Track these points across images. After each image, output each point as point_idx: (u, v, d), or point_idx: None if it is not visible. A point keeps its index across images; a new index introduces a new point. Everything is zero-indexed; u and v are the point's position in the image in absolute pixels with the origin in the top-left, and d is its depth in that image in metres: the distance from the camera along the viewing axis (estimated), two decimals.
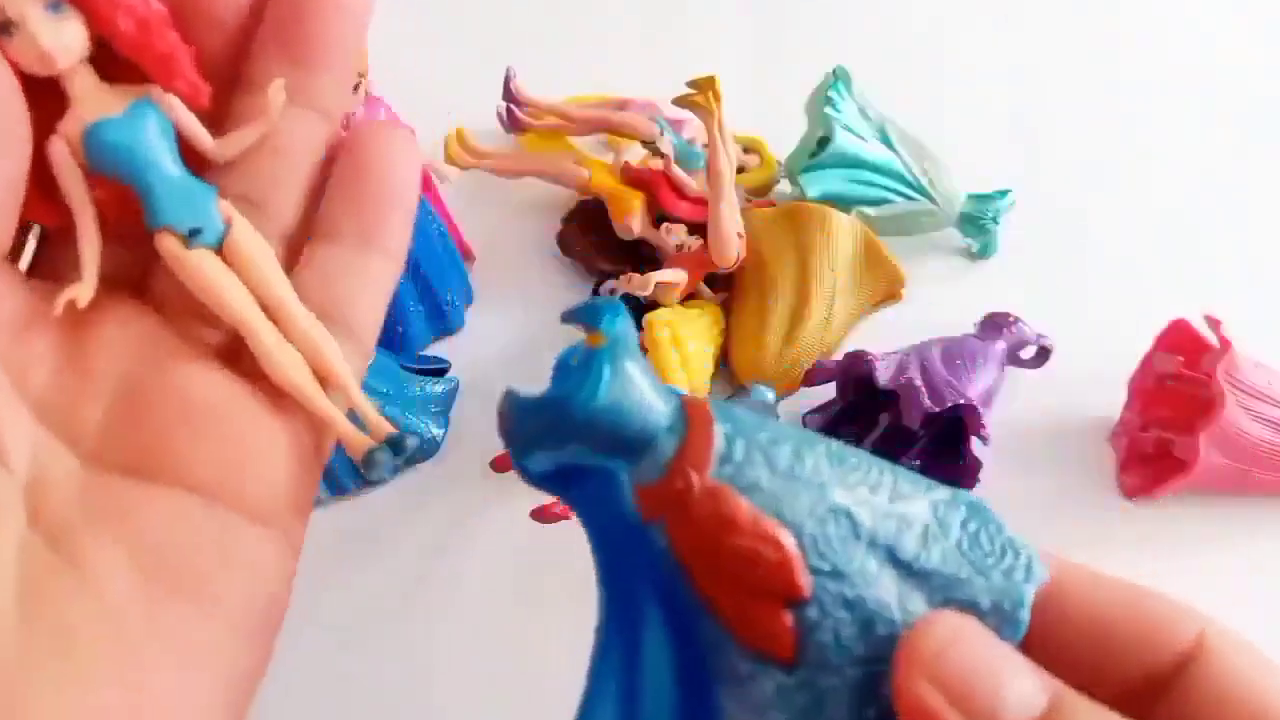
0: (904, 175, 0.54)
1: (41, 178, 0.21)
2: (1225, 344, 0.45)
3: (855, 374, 0.47)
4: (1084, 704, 0.17)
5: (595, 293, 0.53)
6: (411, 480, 0.47)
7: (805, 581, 0.18)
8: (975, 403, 0.44)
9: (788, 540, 0.18)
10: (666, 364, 0.47)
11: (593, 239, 0.55)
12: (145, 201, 0.21)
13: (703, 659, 0.19)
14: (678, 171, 0.52)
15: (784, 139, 0.57)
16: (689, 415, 0.19)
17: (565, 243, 0.55)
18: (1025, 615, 0.19)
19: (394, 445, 0.24)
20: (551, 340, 0.52)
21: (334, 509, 0.46)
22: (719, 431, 0.19)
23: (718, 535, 0.18)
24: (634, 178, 0.53)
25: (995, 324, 0.50)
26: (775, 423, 0.20)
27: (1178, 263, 0.58)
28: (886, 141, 0.55)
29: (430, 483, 0.47)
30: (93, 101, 0.20)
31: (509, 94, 0.56)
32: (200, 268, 0.21)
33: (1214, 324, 0.46)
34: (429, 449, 0.47)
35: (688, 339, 0.48)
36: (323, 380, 0.23)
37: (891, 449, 0.48)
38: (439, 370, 0.49)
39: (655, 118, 0.53)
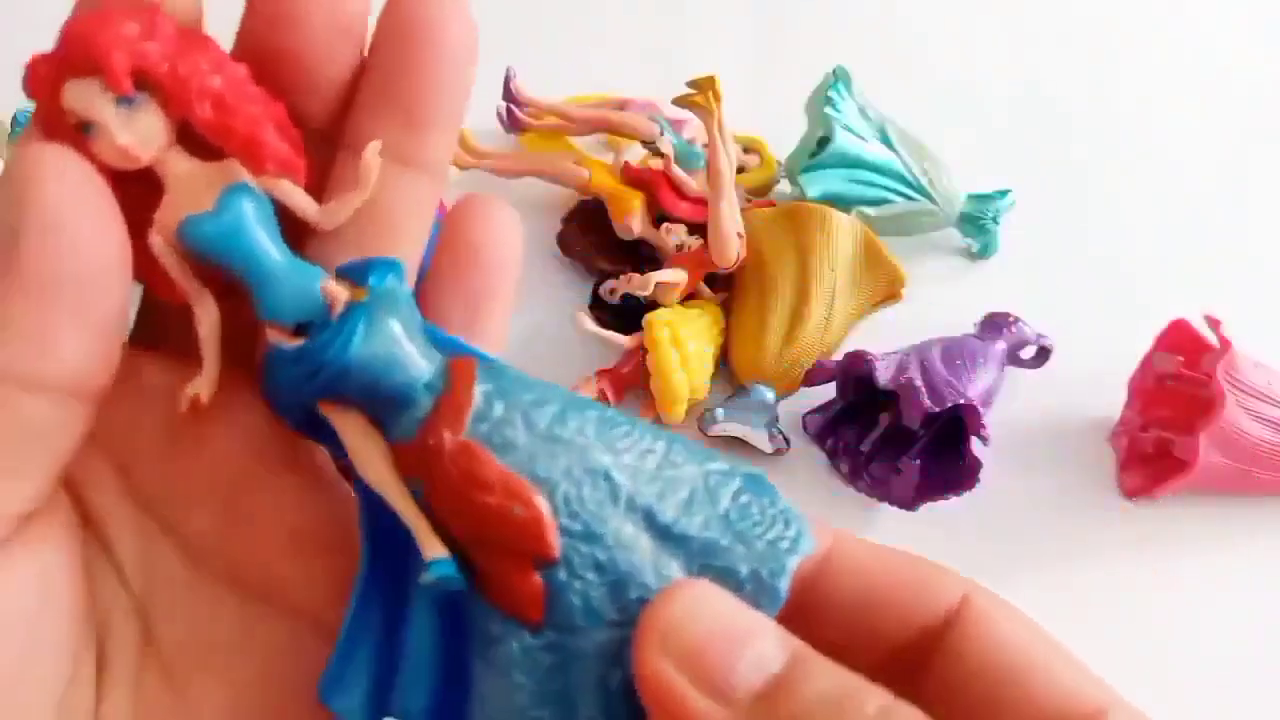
0: (904, 175, 0.54)
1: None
2: (1225, 344, 0.45)
3: (855, 374, 0.47)
4: (822, 662, 0.17)
5: (595, 293, 0.53)
6: None
7: (554, 541, 0.18)
8: (975, 403, 0.44)
9: (538, 500, 0.18)
10: (666, 364, 0.47)
11: (593, 239, 0.55)
12: (251, 293, 0.19)
13: (460, 621, 0.19)
14: (678, 171, 0.52)
15: (784, 139, 0.57)
16: (451, 374, 0.19)
17: (565, 243, 0.55)
18: (784, 584, 0.19)
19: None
20: (551, 340, 0.52)
21: None
22: (479, 391, 0.19)
23: (468, 492, 0.18)
24: (634, 178, 0.53)
25: (995, 324, 0.50)
26: (547, 385, 0.20)
27: (1178, 263, 0.58)
28: (886, 141, 0.55)
29: None
30: (185, 188, 0.19)
31: (509, 94, 0.56)
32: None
33: (1214, 324, 0.46)
34: None
35: (688, 339, 0.48)
36: None
37: (891, 449, 0.48)
38: None
39: (655, 118, 0.53)
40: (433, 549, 0.18)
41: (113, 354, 0.18)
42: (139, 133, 0.18)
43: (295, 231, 0.20)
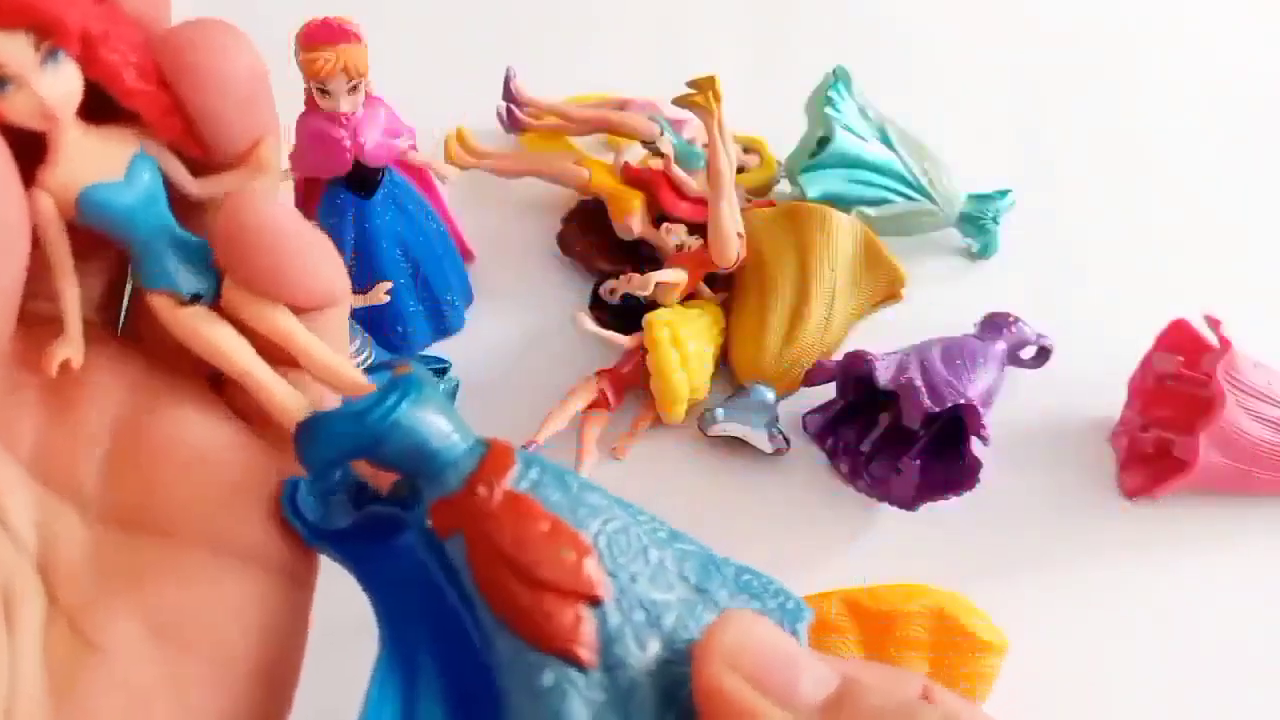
0: (904, 175, 0.54)
1: None
2: (1225, 344, 0.45)
3: (855, 374, 0.47)
4: (871, 684, 0.18)
5: (595, 293, 0.53)
6: None
7: (604, 581, 0.19)
8: (975, 403, 0.44)
9: (586, 541, 0.19)
10: (666, 364, 0.47)
11: (593, 239, 0.55)
12: (143, 262, 0.20)
13: (492, 684, 0.19)
14: (678, 171, 0.52)
15: (784, 139, 0.57)
16: (489, 442, 0.20)
17: (565, 243, 0.55)
18: (803, 639, 0.20)
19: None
20: (551, 340, 0.52)
21: None
22: (517, 456, 0.20)
23: (520, 536, 0.19)
24: (634, 178, 0.53)
25: (995, 324, 0.50)
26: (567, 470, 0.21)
27: (1178, 263, 0.58)
28: (886, 141, 0.55)
29: None
30: (84, 155, 0.19)
31: (509, 94, 0.56)
32: (197, 328, 0.20)
33: (1214, 324, 0.46)
34: None
35: (688, 339, 0.48)
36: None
37: (891, 449, 0.48)
38: (439, 370, 0.49)
39: (655, 117, 0.53)
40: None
41: (8, 316, 0.19)
42: (59, 91, 0.18)
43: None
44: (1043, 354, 0.51)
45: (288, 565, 0.22)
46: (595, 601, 0.18)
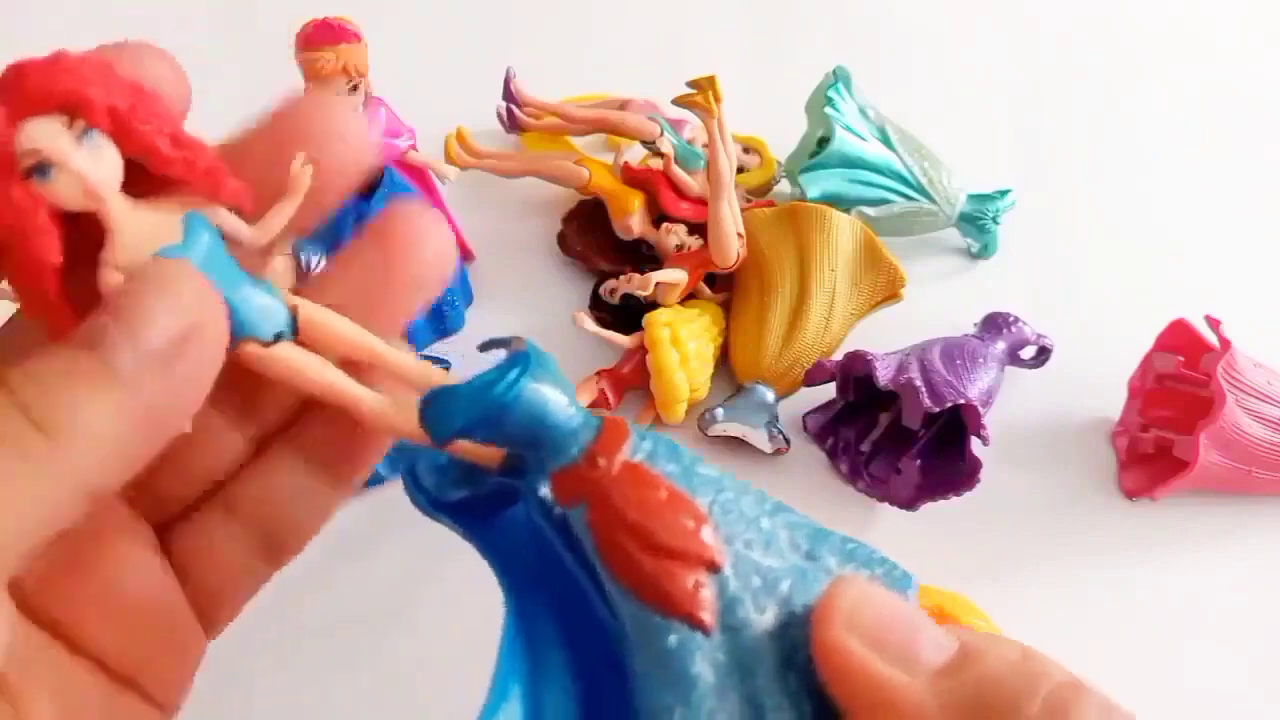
0: (904, 175, 0.54)
1: (73, 301, 0.19)
2: (1225, 344, 0.45)
3: (855, 374, 0.47)
4: (993, 646, 0.18)
5: (595, 293, 0.53)
6: None
7: (721, 546, 0.19)
8: (975, 402, 0.44)
9: (702, 508, 0.19)
10: (666, 364, 0.47)
11: (593, 239, 0.55)
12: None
13: (613, 647, 0.20)
14: (678, 171, 0.52)
15: (784, 139, 0.57)
16: (603, 417, 0.21)
17: (565, 243, 0.55)
18: (913, 602, 0.20)
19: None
20: (552, 340, 0.52)
21: None
22: (631, 428, 0.21)
23: (640, 502, 0.19)
24: (634, 178, 0.53)
25: (995, 324, 0.50)
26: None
27: (1178, 263, 0.58)
28: (886, 141, 0.55)
29: None
30: (140, 227, 0.19)
31: (509, 94, 0.56)
32: (289, 361, 0.20)
33: (1214, 324, 0.46)
34: None
35: (688, 339, 0.48)
36: None
37: (891, 449, 0.48)
38: None
39: (655, 117, 0.53)
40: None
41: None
42: (101, 171, 0.18)
43: None
44: (1043, 354, 0.51)
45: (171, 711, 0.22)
46: (714, 567, 0.19)
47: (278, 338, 0.20)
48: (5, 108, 0.18)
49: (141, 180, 0.19)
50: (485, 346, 0.22)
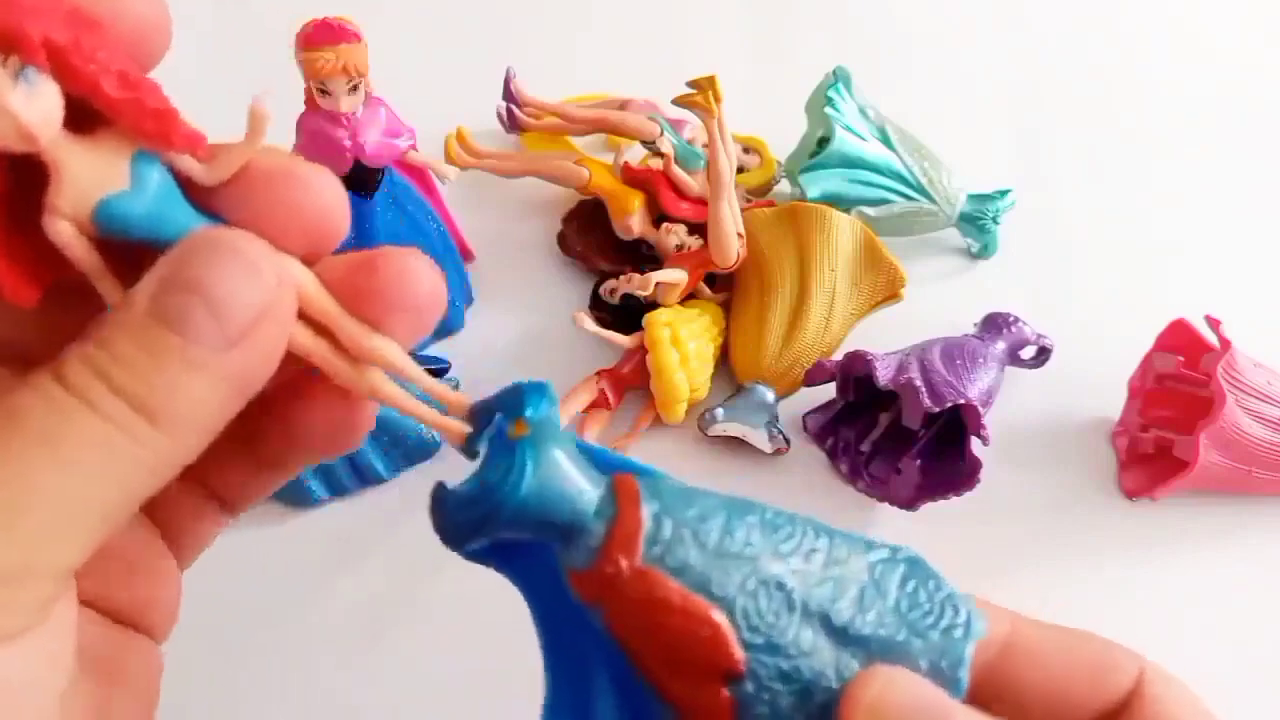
0: (904, 175, 0.54)
1: (16, 254, 0.18)
2: (1225, 344, 0.45)
3: (855, 374, 0.47)
4: None
5: (595, 293, 0.53)
6: (411, 480, 0.47)
7: (739, 657, 0.18)
8: (975, 403, 0.44)
9: (719, 618, 0.18)
10: (666, 364, 0.47)
11: (593, 239, 0.55)
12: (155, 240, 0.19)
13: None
14: (678, 171, 0.52)
15: (784, 139, 0.57)
16: (617, 497, 0.19)
17: (565, 243, 0.55)
18: (965, 674, 0.19)
19: (480, 414, 0.22)
20: (551, 340, 0.53)
21: (333, 509, 0.46)
22: (647, 513, 0.19)
23: (651, 617, 0.18)
24: (634, 178, 0.53)
25: (995, 324, 0.50)
26: (706, 494, 0.20)
27: (1178, 263, 0.58)
28: (886, 141, 0.55)
29: (430, 483, 0.47)
30: (84, 170, 0.18)
31: (509, 94, 0.56)
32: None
33: (1214, 324, 0.46)
34: (428, 449, 0.47)
35: (688, 339, 0.48)
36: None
37: (891, 449, 0.48)
38: (439, 370, 0.49)
39: (655, 117, 0.53)
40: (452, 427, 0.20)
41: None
42: (38, 110, 0.17)
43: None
44: (1043, 354, 0.51)
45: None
46: (733, 675, 0.18)
47: None
48: None
49: (90, 116, 0.18)
50: (485, 408, 0.20)
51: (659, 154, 0.52)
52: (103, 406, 0.17)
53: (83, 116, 0.18)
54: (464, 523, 0.19)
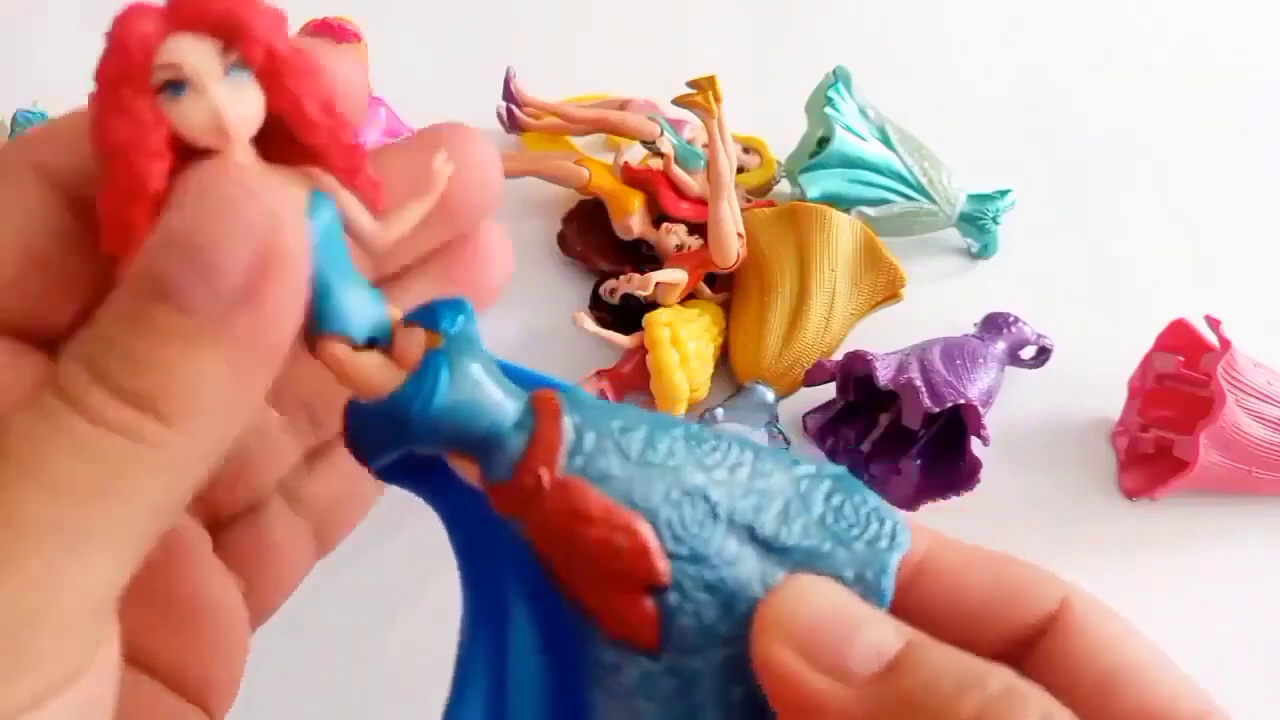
0: (904, 175, 0.54)
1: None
2: (1225, 344, 0.45)
3: (855, 374, 0.47)
4: (940, 646, 0.17)
5: (595, 293, 0.53)
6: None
7: (663, 567, 0.18)
8: (975, 403, 0.44)
9: (642, 527, 0.18)
10: (666, 364, 0.47)
11: (593, 239, 0.55)
12: (317, 303, 0.18)
13: (571, 651, 0.19)
14: (678, 171, 0.52)
15: (784, 139, 0.57)
16: (537, 410, 0.19)
17: (565, 243, 0.55)
18: (889, 583, 0.19)
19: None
20: (551, 340, 0.52)
21: None
22: (568, 424, 0.19)
23: (572, 529, 0.18)
24: (634, 178, 0.53)
25: (995, 324, 0.50)
26: (629, 408, 0.20)
27: (1178, 263, 0.58)
28: (886, 141, 0.55)
29: None
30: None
31: (509, 94, 0.56)
32: (373, 377, 0.19)
33: (1214, 324, 0.46)
34: None
35: (688, 339, 0.48)
36: None
37: (891, 449, 0.48)
38: None
39: (655, 117, 0.53)
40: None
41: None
42: (240, 109, 0.16)
43: None
44: (1043, 354, 0.51)
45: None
46: (656, 586, 0.18)
47: (371, 343, 0.19)
48: (162, 16, 0.16)
49: (275, 146, 0.18)
50: (409, 318, 0.19)
51: (659, 154, 0.52)
52: (95, 407, 0.15)
53: (271, 142, 0.18)
54: (376, 436, 0.19)
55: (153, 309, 0.15)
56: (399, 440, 0.18)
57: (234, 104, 0.16)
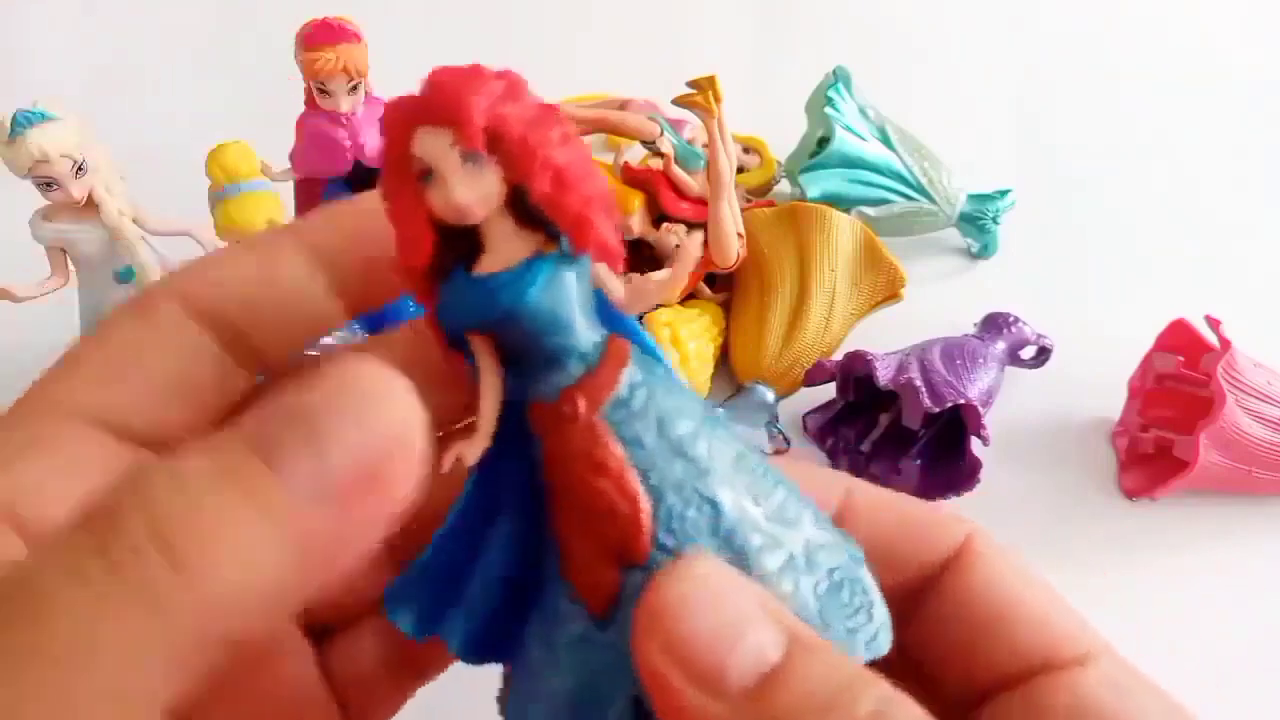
0: (904, 175, 0.54)
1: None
2: (1225, 344, 0.45)
3: (855, 374, 0.47)
4: (820, 652, 0.17)
5: None
6: None
7: (645, 549, 0.18)
8: (975, 403, 0.44)
9: (645, 503, 0.18)
10: None
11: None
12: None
13: (530, 583, 0.19)
14: (678, 171, 0.52)
15: (784, 139, 0.57)
16: (607, 351, 0.19)
17: None
18: None
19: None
20: None
21: None
22: (626, 377, 0.19)
23: (583, 470, 0.18)
24: (634, 178, 0.53)
25: (995, 324, 0.50)
26: (694, 397, 0.20)
27: (1178, 263, 0.58)
28: (886, 141, 0.55)
29: None
30: (500, 250, 0.19)
31: None
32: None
33: (1214, 324, 0.46)
34: None
35: (688, 339, 0.48)
36: None
37: (891, 449, 0.48)
38: None
39: (655, 117, 0.53)
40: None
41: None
42: (476, 192, 0.18)
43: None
44: (1043, 354, 0.51)
45: None
46: (632, 563, 0.18)
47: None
48: (411, 111, 0.18)
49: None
50: (537, 221, 0.19)
51: (659, 154, 0.52)
52: (116, 550, 0.13)
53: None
54: (460, 304, 0.19)
55: (244, 459, 0.14)
56: (477, 316, 0.19)
57: (465, 188, 0.18)
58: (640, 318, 0.49)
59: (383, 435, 0.15)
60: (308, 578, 0.15)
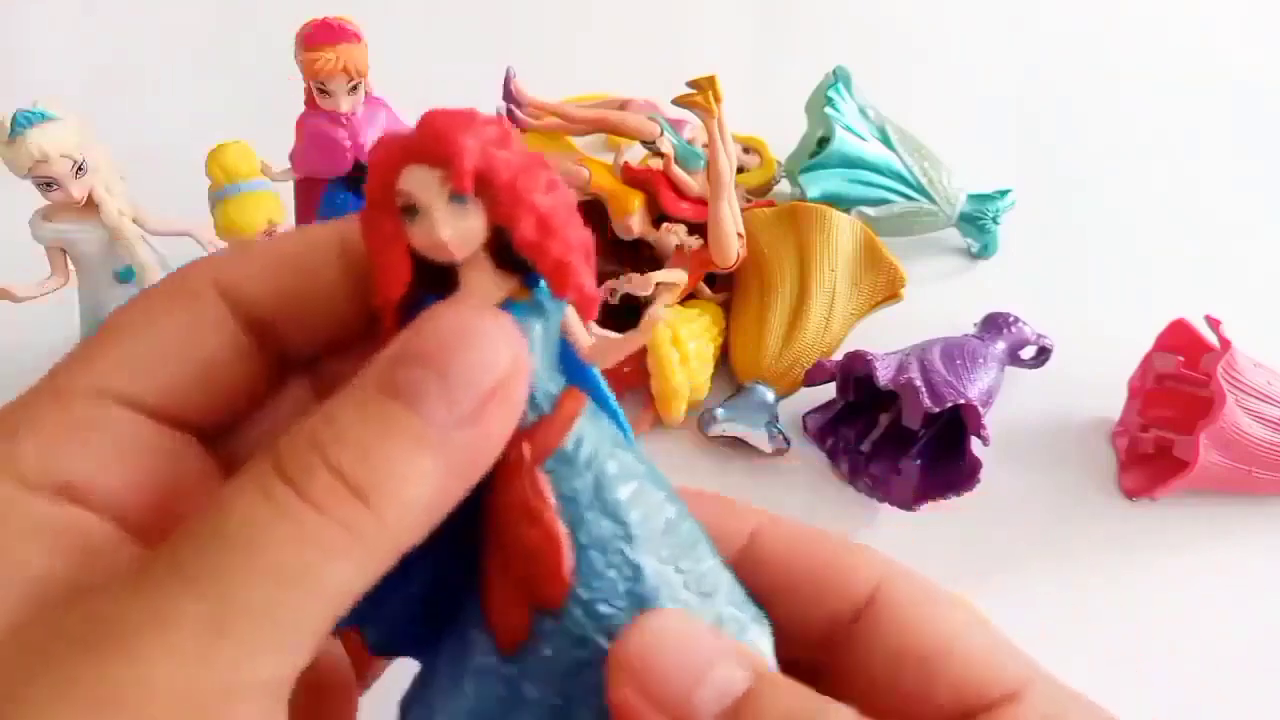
0: (904, 175, 0.54)
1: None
2: (1225, 344, 0.45)
3: (855, 374, 0.47)
4: (785, 684, 0.17)
5: None
6: None
7: (558, 596, 0.18)
8: (975, 403, 0.44)
9: (568, 558, 0.18)
10: (666, 364, 0.47)
11: (593, 239, 0.55)
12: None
13: (451, 607, 0.20)
14: (678, 171, 0.52)
15: (784, 139, 0.57)
16: (559, 403, 0.20)
17: None
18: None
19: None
20: None
21: None
22: (574, 433, 0.19)
23: (517, 516, 0.19)
24: (634, 178, 0.53)
25: (995, 324, 0.50)
26: (638, 460, 0.20)
27: (1178, 263, 0.58)
28: (886, 141, 0.55)
29: None
30: (475, 291, 0.19)
31: (509, 94, 0.56)
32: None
33: (1214, 324, 0.46)
34: None
35: (688, 339, 0.48)
36: None
37: (891, 449, 0.48)
38: None
39: (655, 117, 0.53)
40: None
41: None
42: (460, 232, 0.19)
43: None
44: (1043, 354, 0.51)
45: None
46: (549, 610, 0.18)
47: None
48: (402, 148, 0.19)
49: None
50: (519, 265, 0.20)
51: (659, 154, 0.52)
52: (317, 493, 0.16)
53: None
54: None
55: (390, 407, 0.17)
56: None
57: (449, 226, 0.18)
58: (643, 309, 0.49)
59: (496, 363, 0.18)
60: (461, 485, 0.18)
